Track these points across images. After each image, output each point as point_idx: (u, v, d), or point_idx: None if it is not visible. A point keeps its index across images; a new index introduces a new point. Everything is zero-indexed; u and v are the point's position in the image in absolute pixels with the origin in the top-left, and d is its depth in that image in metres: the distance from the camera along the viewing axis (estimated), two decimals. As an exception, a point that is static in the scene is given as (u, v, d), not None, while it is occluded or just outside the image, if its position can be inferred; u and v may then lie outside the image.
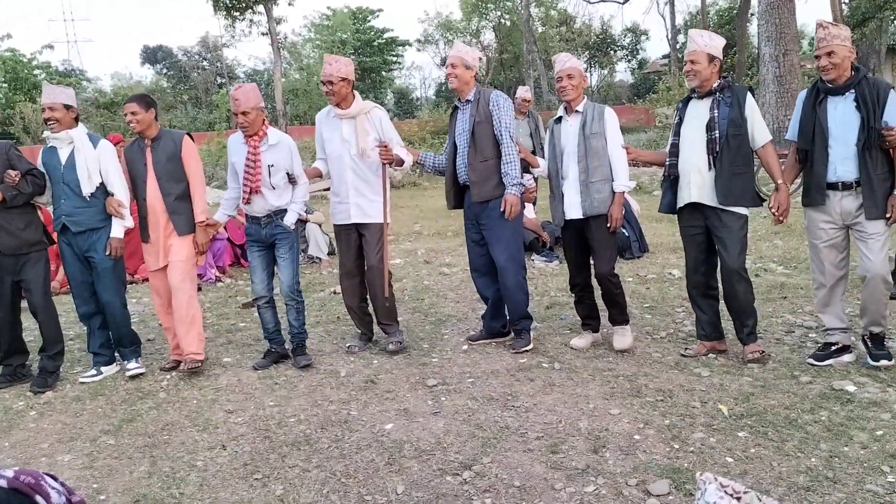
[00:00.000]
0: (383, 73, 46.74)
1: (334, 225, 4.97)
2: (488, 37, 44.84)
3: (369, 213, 4.84)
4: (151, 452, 3.61)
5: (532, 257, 7.88)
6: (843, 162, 3.98)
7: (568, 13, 42.58)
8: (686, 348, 4.60)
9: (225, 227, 8.36)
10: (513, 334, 4.95)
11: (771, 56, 12.48)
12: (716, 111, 4.22)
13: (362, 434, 3.65)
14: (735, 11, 32.38)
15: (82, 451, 3.67)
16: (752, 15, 27.90)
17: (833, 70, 3.95)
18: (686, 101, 4.45)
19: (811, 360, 4.21)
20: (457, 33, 45.30)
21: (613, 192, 4.56)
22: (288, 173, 4.71)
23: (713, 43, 4.26)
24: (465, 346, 4.97)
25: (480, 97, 4.69)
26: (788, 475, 2.95)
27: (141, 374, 4.76)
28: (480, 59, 4.78)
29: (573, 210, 4.62)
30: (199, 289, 7.33)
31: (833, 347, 4.23)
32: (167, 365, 4.88)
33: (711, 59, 4.24)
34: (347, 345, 5.10)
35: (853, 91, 3.94)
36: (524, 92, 9.00)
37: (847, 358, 4.21)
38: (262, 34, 28.49)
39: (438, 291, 6.79)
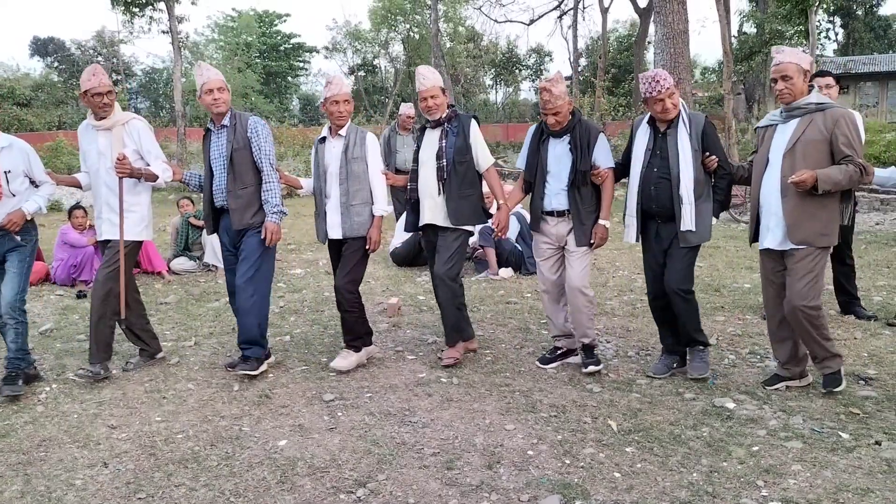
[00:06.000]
0: (289, 78, 46.07)
1: (97, 241, 4.74)
2: (397, 49, 45.03)
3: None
4: (26, 470, 3.39)
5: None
6: (556, 196, 4.52)
7: (476, 30, 43.30)
8: (440, 357, 4.90)
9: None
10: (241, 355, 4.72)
11: (665, 84, 13.06)
12: (444, 140, 4.65)
13: (254, 451, 3.55)
14: (633, 39, 33.83)
15: (-55, 471, 3.40)
16: (648, 43, 29.18)
17: (558, 125, 4.46)
18: (423, 130, 4.83)
19: (538, 363, 4.77)
20: (365, 43, 45.24)
21: (373, 216, 4.69)
22: (29, 178, 4.49)
23: (438, 77, 4.71)
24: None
25: (237, 123, 4.56)
26: (671, 490, 3.07)
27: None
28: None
29: (332, 230, 4.69)
30: (85, 295, 6.98)
31: (559, 351, 4.81)
32: None
33: (443, 90, 4.68)
34: (126, 362, 4.91)
35: (569, 135, 4.48)
36: (408, 109, 9.50)
37: (572, 360, 4.78)
38: (163, 32, 27.47)
39: (338, 303, 6.71)
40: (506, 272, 7.66)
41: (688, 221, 4.22)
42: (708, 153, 4.25)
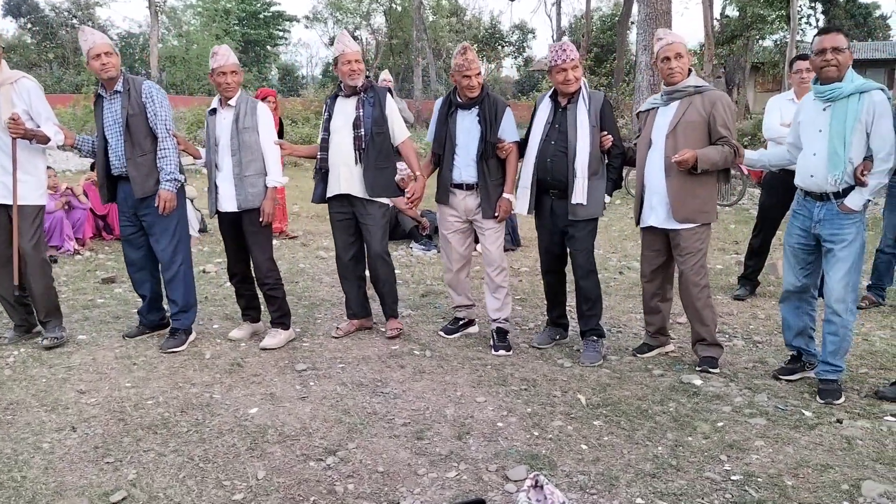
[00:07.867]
0: (268, 47, 45.39)
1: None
2: (379, 20, 44.58)
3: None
4: (-9, 434, 3.37)
5: (410, 245, 7.92)
6: (466, 168, 4.55)
7: (459, 4, 42.98)
8: (337, 327, 4.97)
9: (86, 196, 7.90)
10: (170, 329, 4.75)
11: (646, 64, 13.07)
12: (361, 110, 4.58)
13: (224, 418, 3.55)
14: (617, 19, 33.74)
15: None
16: (632, 23, 29.11)
17: (475, 89, 4.46)
18: (334, 98, 4.76)
19: (442, 333, 4.89)
20: (347, 13, 44.71)
21: (267, 187, 4.58)
22: None
23: (357, 47, 4.65)
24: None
25: (131, 87, 4.41)
26: (637, 462, 3.12)
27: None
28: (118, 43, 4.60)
29: (227, 202, 4.57)
30: (56, 261, 6.89)
31: (461, 322, 4.95)
32: None
33: (357, 60, 4.59)
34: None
35: (477, 107, 4.50)
36: (386, 74, 9.55)
37: (472, 329, 4.97)
38: (140, -5, 26.91)
39: (314, 275, 6.70)
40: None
41: (579, 195, 4.27)
42: (604, 132, 4.32)
